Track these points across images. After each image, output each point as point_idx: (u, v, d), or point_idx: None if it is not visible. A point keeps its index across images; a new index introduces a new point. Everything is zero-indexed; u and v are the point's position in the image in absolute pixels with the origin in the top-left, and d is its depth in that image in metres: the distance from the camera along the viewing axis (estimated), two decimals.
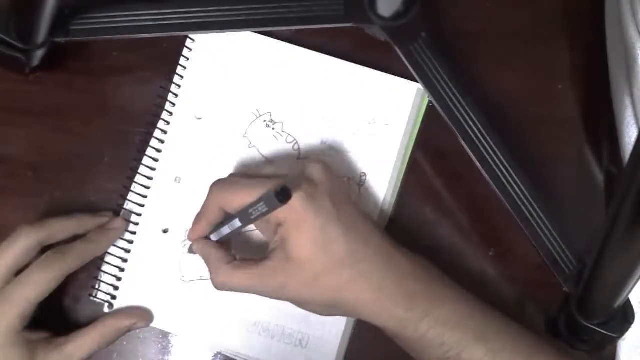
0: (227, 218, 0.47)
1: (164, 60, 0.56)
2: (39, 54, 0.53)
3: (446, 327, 0.45)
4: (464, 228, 0.54)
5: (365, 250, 0.46)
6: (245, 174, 0.51)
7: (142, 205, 0.53)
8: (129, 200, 0.53)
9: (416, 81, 0.52)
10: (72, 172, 0.54)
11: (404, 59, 0.52)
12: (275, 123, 0.54)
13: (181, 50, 0.55)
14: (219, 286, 0.47)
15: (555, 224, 0.49)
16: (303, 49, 0.55)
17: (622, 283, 0.41)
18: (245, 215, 0.45)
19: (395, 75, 0.54)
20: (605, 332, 0.46)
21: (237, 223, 0.46)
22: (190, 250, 0.51)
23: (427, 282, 0.46)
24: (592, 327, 0.46)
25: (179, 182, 0.53)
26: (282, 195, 0.42)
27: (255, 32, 0.55)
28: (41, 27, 0.52)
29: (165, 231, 0.52)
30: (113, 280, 0.52)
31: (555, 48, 0.57)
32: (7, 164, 0.54)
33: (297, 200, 0.44)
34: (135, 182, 0.53)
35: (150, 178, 0.53)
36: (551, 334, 0.51)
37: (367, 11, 0.53)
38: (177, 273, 0.52)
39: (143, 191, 0.53)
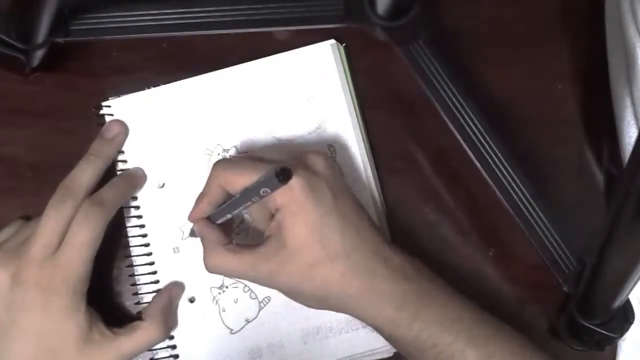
0: (228, 199, 0.47)
1: (164, 60, 0.56)
2: (39, 54, 0.53)
3: (438, 329, 0.45)
4: (464, 228, 0.54)
5: (360, 245, 0.46)
6: (249, 156, 0.51)
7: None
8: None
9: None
10: None
11: (404, 59, 0.52)
12: (228, 150, 0.53)
13: (181, 51, 0.55)
14: (211, 268, 0.47)
15: (555, 224, 0.50)
16: (211, 72, 0.54)
17: (622, 283, 0.41)
18: (245, 195, 0.45)
19: None
20: (605, 332, 0.46)
21: (237, 204, 0.46)
22: (192, 233, 0.51)
23: (419, 283, 0.46)
24: (592, 327, 0.46)
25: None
26: (283, 176, 0.41)
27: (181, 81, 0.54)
28: (41, 27, 0.52)
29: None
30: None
31: (555, 48, 0.57)
32: (7, 164, 0.54)
33: (297, 187, 0.44)
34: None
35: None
36: (551, 334, 0.51)
37: (367, 11, 0.53)
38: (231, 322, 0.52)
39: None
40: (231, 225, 0.51)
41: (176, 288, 0.51)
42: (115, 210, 0.50)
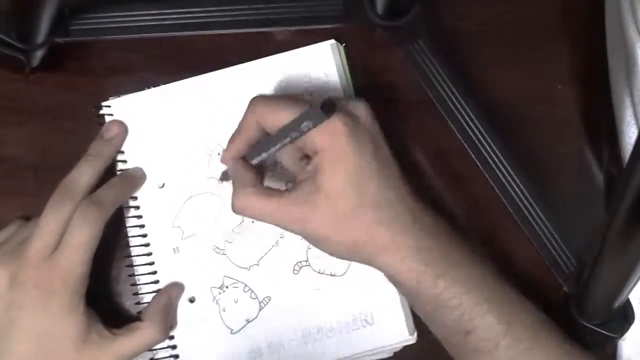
0: (265, 138, 0.46)
1: (164, 60, 0.56)
2: (39, 54, 0.53)
3: (463, 289, 0.44)
4: (464, 228, 0.53)
5: (392, 199, 0.45)
6: (286, 94, 0.50)
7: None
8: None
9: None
10: None
11: (404, 59, 0.52)
12: None
13: (181, 51, 0.56)
14: (238, 209, 0.47)
15: (555, 224, 0.50)
16: (211, 72, 0.54)
17: (622, 283, 0.41)
18: (286, 130, 0.44)
19: None
20: (605, 332, 0.46)
21: (275, 140, 0.45)
22: (223, 176, 0.50)
23: (447, 243, 0.46)
24: (592, 327, 0.46)
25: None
26: (327, 107, 0.40)
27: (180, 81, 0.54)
28: (41, 27, 0.52)
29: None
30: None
31: (555, 48, 0.57)
32: (7, 164, 0.54)
33: (340, 130, 0.44)
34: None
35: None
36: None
37: (367, 11, 0.53)
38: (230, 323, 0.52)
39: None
40: (264, 168, 0.50)
41: (176, 289, 0.51)
42: (114, 210, 0.50)
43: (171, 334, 0.51)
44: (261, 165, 0.49)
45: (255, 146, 0.47)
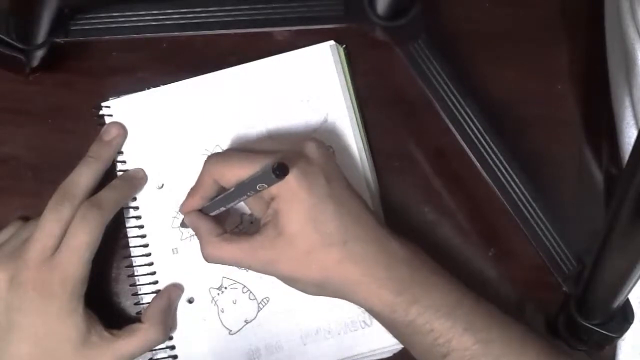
0: (221, 192, 0.47)
1: (164, 60, 0.56)
2: (39, 54, 0.53)
3: (436, 314, 0.45)
4: (464, 228, 0.54)
5: (356, 230, 0.46)
6: (241, 148, 0.51)
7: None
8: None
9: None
10: None
11: (404, 59, 0.52)
12: None
13: (181, 51, 0.55)
14: (209, 258, 0.48)
15: (554, 224, 0.50)
16: (210, 74, 0.54)
17: (622, 283, 0.41)
18: (241, 190, 0.45)
19: None
20: (604, 332, 0.46)
21: (231, 197, 0.46)
22: (182, 224, 0.51)
23: (417, 268, 0.46)
24: (592, 327, 0.46)
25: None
26: (279, 171, 0.41)
27: (183, 81, 0.54)
28: (41, 27, 0.52)
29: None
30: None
31: (555, 48, 0.57)
32: (7, 164, 0.54)
33: (291, 176, 0.44)
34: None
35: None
36: (551, 334, 0.51)
37: (367, 11, 0.53)
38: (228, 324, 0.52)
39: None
40: (223, 215, 0.51)
41: (175, 290, 0.51)
42: (114, 212, 0.50)
43: (170, 334, 0.51)
44: (222, 216, 0.50)
45: (214, 200, 0.48)
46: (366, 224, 0.46)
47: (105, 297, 0.52)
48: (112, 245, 0.52)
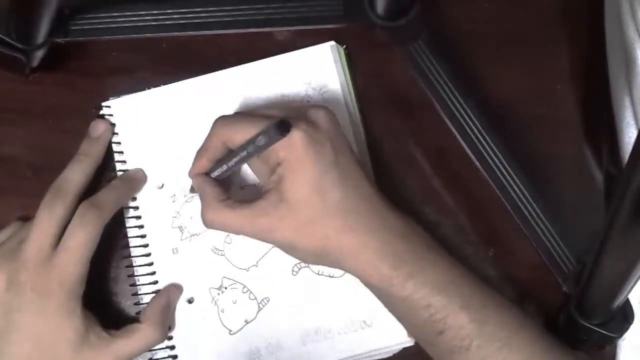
0: (228, 154, 0.48)
1: (164, 60, 0.56)
2: (39, 54, 0.53)
3: (433, 290, 0.45)
4: (464, 228, 0.54)
5: (358, 203, 0.46)
6: (250, 112, 0.51)
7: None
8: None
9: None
10: None
11: (404, 59, 0.52)
12: None
13: (181, 51, 0.55)
14: (208, 223, 0.48)
15: (554, 224, 0.50)
16: (210, 74, 0.54)
17: (622, 283, 0.41)
18: (245, 148, 0.45)
19: None
20: (604, 332, 0.46)
21: (237, 157, 0.46)
22: (192, 189, 0.51)
23: (416, 244, 0.46)
24: (592, 327, 0.46)
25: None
26: (282, 128, 0.42)
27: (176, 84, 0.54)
28: (41, 27, 0.52)
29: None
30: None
31: (555, 48, 0.57)
32: (7, 164, 0.54)
33: (299, 140, 0.44)
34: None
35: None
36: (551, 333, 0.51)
37: (367, 11, 0.53)
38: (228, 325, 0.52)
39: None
40: (230, 181, 0.51)
41: (174, 290, 0.51)
42: (113, 212, 0.50)
43: (170, 334, 0.51)
44: (227, 181, 0.50)
45: (220, 162, 0.48)
46: (368, 195, 0.47)
47: (105, 297, 0.52)
48: (112, 245, 0.52)
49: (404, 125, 0.55)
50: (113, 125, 0.54)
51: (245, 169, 0.52)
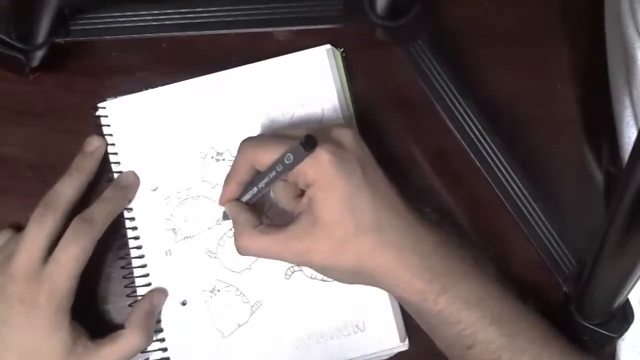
0: (257, 177, 0.47)
1: (164, 60, 0.56)
2: (39, 54, 0.53)
3: (464, 305, 0.45)
4: (464, 228, 0.54)
5: (390, 219, 0.46)
6: (274, 133, 0.51)
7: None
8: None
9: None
10: None
11: (404, 59, 0.52)
12: (222, 153, 0.53)
13: (181, 51, 0.55)
14: (243, 250, 0.47)
15: (554, 224, 0.50)
16: (205, 76, 0.54)
17: (622, 283, 0.41)
18: (274, 168, 0.45)
19: None
20: (604, 332, 0.46)
21: (266, 178, 0.46)
22: (225, 216, 0.51)
23: (448, 258, 0.46)
24: (592, 327, 0.46)
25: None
26: (308, 144, 0.42)
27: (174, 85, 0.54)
28: (41, 27, 0.52)
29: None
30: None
31: (555, 48, 0.57)
32: (7, 164, 0.54)
33: (327, 161, 0.44)
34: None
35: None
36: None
37: (367, 11, 0.53)
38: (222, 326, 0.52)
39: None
40: (262, 206, 0.51)
41: (158, 294, 0.51)
42: (106, 227, 0.50)
43: (162, 336, 0.51)
44: (259, 205, 0.50)
45: (249, 186, 0.48)
46: (400, 210, 0.46)
47: (98, 299, 0.52)
48: (106, 246, 0.52)
49: (404, 125, 0.55)
50: (107, 126, 0.54)
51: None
